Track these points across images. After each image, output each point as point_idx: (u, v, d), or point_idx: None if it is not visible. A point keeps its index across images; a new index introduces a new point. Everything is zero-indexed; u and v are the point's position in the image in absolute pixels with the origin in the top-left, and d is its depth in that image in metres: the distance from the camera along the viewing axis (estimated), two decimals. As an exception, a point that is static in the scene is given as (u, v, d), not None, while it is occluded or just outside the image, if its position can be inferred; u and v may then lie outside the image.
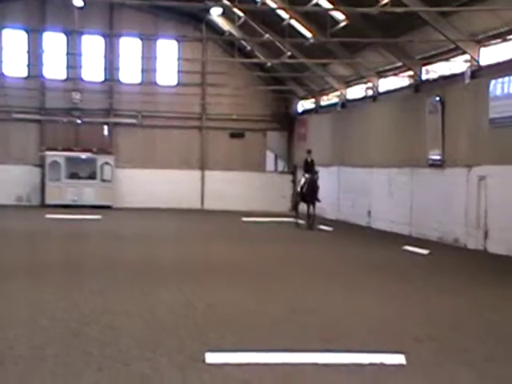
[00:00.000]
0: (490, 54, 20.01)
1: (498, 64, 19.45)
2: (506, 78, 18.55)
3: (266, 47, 33.08)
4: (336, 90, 31.36)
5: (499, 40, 19.43)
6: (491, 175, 19.39)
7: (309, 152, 26.15)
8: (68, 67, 34.22)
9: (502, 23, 18.89)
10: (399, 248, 19.54)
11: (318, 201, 25.28)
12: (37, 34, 33.57)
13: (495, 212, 19.17)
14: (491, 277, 14.82)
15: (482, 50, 20.25)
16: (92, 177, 34.27)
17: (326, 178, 32.03)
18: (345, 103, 30.61)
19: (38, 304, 10.64)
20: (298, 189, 26.20)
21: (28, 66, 33.95)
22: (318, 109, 34.00)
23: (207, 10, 30.74)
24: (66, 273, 13.93)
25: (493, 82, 19.12)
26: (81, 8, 28.89)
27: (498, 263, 17.24)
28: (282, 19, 28.05)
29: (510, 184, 18.45)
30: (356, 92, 29.94)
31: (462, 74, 20.99)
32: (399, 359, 7.67)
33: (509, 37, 18.97)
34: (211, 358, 7.51)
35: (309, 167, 25.63)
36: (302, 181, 25.83)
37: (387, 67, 26.25)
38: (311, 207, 25.19)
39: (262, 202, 35.51)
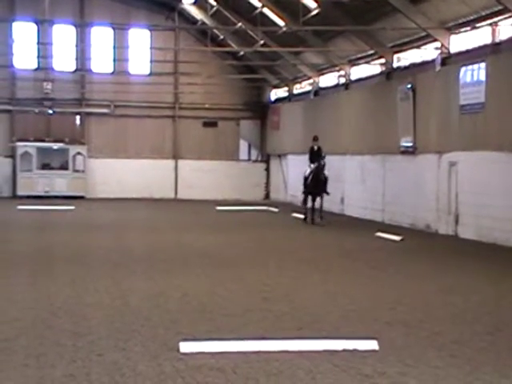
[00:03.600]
0: (460, 42, 20.17)
1: (468, 51, 19.62)
2: (476, 65, 18.71)
3: (238, 36, 33.02)
4: (309, 78, 31.42)
5: (468, 28, 19.60)
6: (462, 161, 19.59)
7: (315, 139, 23.07)
8: (39, 57, 33.83)
9: (471, 11, 19.05)
10: (372, 235, 19.69)
11: (327, 193, 22.57)
12: (6, 24, 33.14)
13: (466, 198, 19.38)
14: (461, 262, 15.02)
15: (452, 37, 20.41)
16: (64, 167, 34.07)
17: (300, 166, 32.15)
18: (317, 91, 30.69)
19: (8, 294, 10.59)
20: (303, 180, 23.21)
21: (-3, 55, 33.57)
22: (291, 97, 34.05)
23: (179, -1, 30.60)
24: (37, 263, 13.89)
25: (463, 69, 19.28)
26: (51, -3, 28.55)
27: (468, 248, 17.45)
28: (255, 7, 28.03)
29: (480, 170, 18.67)
30: (328, 80, 30.02)
31: (433, 61, 21.15)
32: (372, 345, 7.75)
33: (478, 24, 19.13)
34: (185, 347, 7.53)
35: (315, 156, 22.68)
36: (307, 171, 22.95)
37: (359, 55, 26.34)
38: (317, 200, 22.58)
39: (236, 191, 35.55)
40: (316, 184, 22.34)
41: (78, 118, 35.02)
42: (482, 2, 18.26)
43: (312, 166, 22.69)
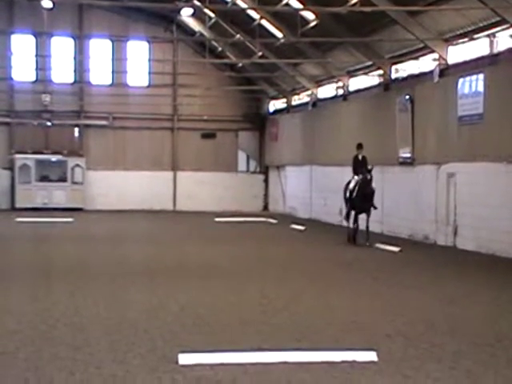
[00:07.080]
0: (458, 53, 20.24)
1: (466, 62, 19.68)
2: (474, 76, 18.77)
3: (236, 47, 33.10)
4: (307, 90, 31.48)
5: (466, 39, 19.67)
6: (460, 172, 19.61)
7: (359, 147, 20.62)
8: (37, 69, 33.89)
9: (469, 22, 19.13)
10: (371, 246, 19.66)
11: (374, 207, 20.20)
12: (5, 36, 33.22)
13: (464, 209, 19.39)
14: (460, 273, 15.00)
15: (450, 48, 20.48)
16: (63, 179, 34.05)
17: (298, 177, 32.20)
18: (316, 102, 30.74)
19: (7, 307, 10.56)
20: (347, 194, 20.75)
21: (-4, 68, 33.62)
22: (290, 108, 34.10)
23: (178, 11, 30.64)
24: (36, 275, 13.85)
25: (461, 80, 19.33)
26: (50, 9, 28.66)
27: (466, 259, 17.45)
28: (253, 19, 28.10)
29: (478, 181, 18.68)
30: (327, 91, 30.08)
31: (431, 72, 21.20)
32: (371, 356, 7.73)
33: (475, 36, 19.20)
34: (184, 358, 7.51)
35: (359, 166, 20.31)
36: (352, 184, 20.57)
37: (357, 66, 26.41)
38: (363, 216, 20.20)
39: (234, 202, 35.54)
40: (363, 199, 19.98)
41: (76, 130, 35.03)
42: (480, 14, 18.33)
43: (356, 178, 20.42)
